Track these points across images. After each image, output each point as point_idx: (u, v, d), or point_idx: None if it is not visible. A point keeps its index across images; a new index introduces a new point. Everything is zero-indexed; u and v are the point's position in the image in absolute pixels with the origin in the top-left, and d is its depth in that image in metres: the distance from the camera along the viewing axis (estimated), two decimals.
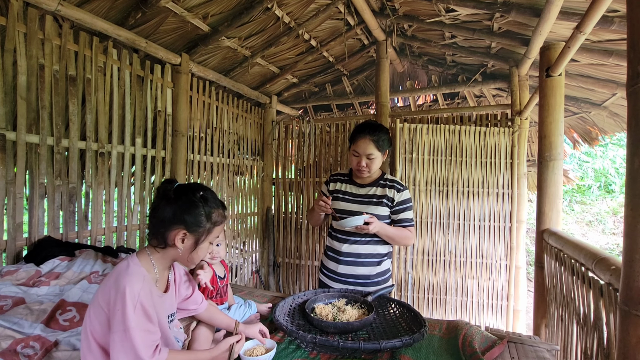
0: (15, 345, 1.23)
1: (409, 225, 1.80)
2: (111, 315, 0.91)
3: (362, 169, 1.75)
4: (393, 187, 1.79)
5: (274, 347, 1.22)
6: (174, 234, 1.01)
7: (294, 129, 4.23)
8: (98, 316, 0.94)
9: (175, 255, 1.06)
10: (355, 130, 1.77)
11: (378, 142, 1.71)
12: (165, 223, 1.01)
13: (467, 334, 1.30)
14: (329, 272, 1.84)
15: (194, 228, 1.03)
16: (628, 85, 0.90)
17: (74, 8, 2.07)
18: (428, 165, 3.21)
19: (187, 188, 1.05)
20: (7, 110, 1.88)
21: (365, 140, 1.71)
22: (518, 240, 3.13)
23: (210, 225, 1.06)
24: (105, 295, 0.94)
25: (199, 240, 1.05)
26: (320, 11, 3.05)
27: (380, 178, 1.84)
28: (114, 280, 0.96)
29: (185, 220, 1.01)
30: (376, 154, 1.72)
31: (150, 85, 2.70)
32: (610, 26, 2.13)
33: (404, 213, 1.79)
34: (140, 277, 0.97)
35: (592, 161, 8.75)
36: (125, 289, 0.92)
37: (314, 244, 4.04)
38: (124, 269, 0.98)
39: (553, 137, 2.02)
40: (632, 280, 0.87)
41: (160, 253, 1.05)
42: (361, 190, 1.83)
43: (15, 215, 1.89)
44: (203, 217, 1.04)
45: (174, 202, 1.02)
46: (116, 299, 0.91)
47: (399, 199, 1.78)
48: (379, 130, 1.72)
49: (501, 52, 3.37)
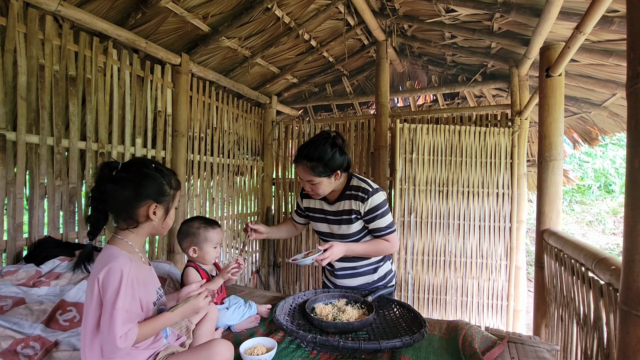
0: (15, 345, 1.23)
1: (384, 234, 1.59)
2: (103, 296, 0.92)
3: (310, 193, 1.57)
4: (357, 198, 1.56)
5: (274, 346, 1.23)
6: (145, 209, 1.03)
7: (294, 129, 4.23)
8: (94, 310, 0.94)
9: (150, 228, 1.08)
10: (297, 149, 1.53)
11: (316, 169, 1.47)
12: (130, 202, 1.01)
13: (467, 334, 1.30)
14: (329, 283, 1.81)
15: (161, 198, 1.05)
16: (628, 85, 0.90)
17: (74, 8, 2.07)
18: (428, 165, 3.21)
19: (137, 164, 1.06)
20: (7, 110, 1.88)
21: (300, 167, 1.50)
22: (518, 240, 3.14)
23: (173, 192, 1.09)
24: (93, 283, 0.94)
25: (168, 208, 1.08)
26: (320, 11, 3.05)
27: (346, 188, 1.61)
28: (98, 267, 0.95)
29: (150, 193, 1.03)
30: (317, 179, 1.49)
31: (150, 85, 2.70)
32: (610, 26, 2.13)
33: (375, 222, 1.57)
34: (127, 259, 0.98)
35: (592, 161, 8.75)
36: (115, 269, 0.93)
37: (314, 244, 4.04)
38: (108, 255, 0.98)
39: (553, 137, 2.02)
40: (632, 280, 0.87)
41: (133, 233, 1.05)
42: (332, 207, 1.64)
43: (15, 215, 1.89)
44: (165, 185, 1.06)
45: (129, 181, 1.01)
46: (107, 280, 0.92)
47: (365, 209, 1.55)
48: (320, 151, 1.46)
49: (501, 52, 3.37)
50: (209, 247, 1.50)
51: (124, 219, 1.04)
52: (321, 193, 1.56)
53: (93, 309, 0.94)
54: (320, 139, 1.50)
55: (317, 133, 1.61)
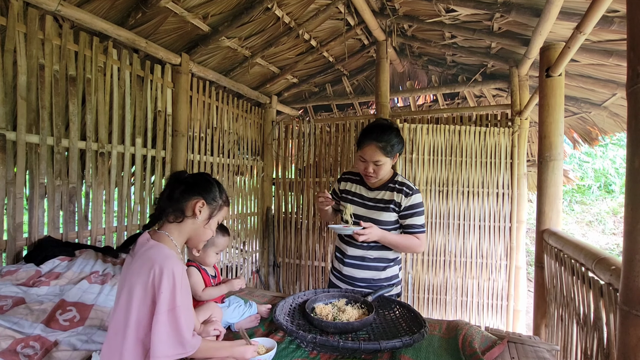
0: (15, 345, 1.23)
1: (417, 232, 1.68)
2: (157, 297, 0.93)
3: (369, 174, 1.64)
4: (402, 192, 1.67)
5: (274, 346, 1.22)
6: (193, 203, 1.09)
7: (294, 129, 4.23)
8: (145, 310, 0.94)
9: (191, 229, 1.12)
10: (362, 133, 1.64)
11: (385, 149, 1.57)
12: (183, 196, 1.09)
13: (467, 334, 1.30)
14: (337, 273, 1.83)
15: (210, 200, 1.13)
16: (628, 85, 0.90)
17: (74, 8, 2.07)
18: (428, 165, 3.21)
19: (202, 174, 1.19)
20: (7, 110, 1.88)
21: (372, 147, 1.58)
22: (518, 240, 3.14)
23: (222, 202, 1.18)
24: (143, 281, 0.94)
25: (212, 213, 1.15)
26: (320, 11, 3.05)
27: (391, 180, 1.72)
28: (150, 265, 0.96)
29: (202, 191, 1.12)
30: (384, 159, 1.60)
31: (150, 85, 2.70)
32: (610, 26, 2.13)
33: (412, 219, 1.68)
34: (177, 258, 1.02)
35: (592, 161, 8.75)
36: (169, 269, 0.95)
37: (314, 244, 4.04)
38: (159, 252, 1.00)
39: (553, 137, 2.02)
40: (632, 280, 0.87)
41: (177, 229, 1.10)
42: (370, 194, 1.74)
43: (15, 215, 1.89)
44: (217, 193, 1.16)
45: (190, 181, 1.13)
46: (161, 280, 0.93)
47: (406, 204, 1.66)
48: (387, 134, 1.58)
49: (501, 52, 3.37)
50: (213, 251, 1.50)
51: (173, 210, 1.09)
52: (381, 175, 1.66)
53: (142, 309, 0.94)
54: (386, 124, 1.64)
55: (374, 120, 1.74)
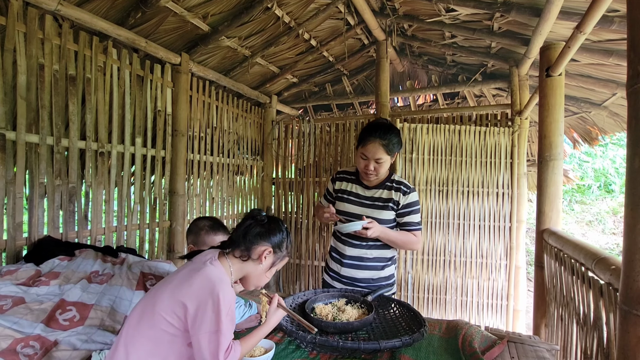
0: (15, 344, 1.23)
1: (414, 229, 1.74)
2: (200, 315, 0.97)
3: (370, 172, 1.66)
4: (399, 190, 1.72)
5: (272, 347, 1.22)
6: (262, 249, 1.15)
7: (294, 129, 4.23)
8: (174, 311, 0.99)
9: (251, 271, 1.17)
10: (365, 131, 1.65)
11: (388, 147, 1.61)
12: (256, 238, 1.15)
13: (467, 334, 1.30)
14: (333, 273, 1.83)
15: (276, 250, 1.19)
16: (628, 85, 0.90)
17: (74, 8, 2.06)
18: (428, 165, 3.21)
19: (276, 218, 1.24)
20: (7, 110, 1.88)
21: (375, 145, 1.61)
22: (518, 240, 3.13)
23: (285, 253, 1.23)
24: (193, 296, 0.99)
25: (274, 262, 1.20)
26: (320, 11, 3.04)
27: (388, 179, 1.76)
28: (205, 284, 1.02)
29: (273, 240, 1.17)
30: (385, 157, 1.64)
31: (150, 85, 2.69)
32: (610, 26, 2.13)
33: (409, 216, 1.74)
34: (229, 285, 1.07)
35: (592, 161, 8.75)
36: (219, 294, 0.99)
37: (314, 243, 4.04)
38: (213, 273, 1.04)
39: (553, 137, 2.01)
40: (632, 280, 0.87)
41: (240, 264, 1.15)
42: (367, 192, 1.76)
43: (15, 215, 1.89)
44: (285, 244, 1.21)
45: (266, 225, 1.18)
46: (208, 301, 0.98)
47: (404, 202, 1.72)
48: (390, 133, 1.62)
49: (501, 52, 3.36)
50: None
51: (242, 248, 1.15)
52: (381, 173, 1.70)
53: (177, 314, 0.99)
54: (387, 123, 1.69)
55: (375, 119, 1.81)
